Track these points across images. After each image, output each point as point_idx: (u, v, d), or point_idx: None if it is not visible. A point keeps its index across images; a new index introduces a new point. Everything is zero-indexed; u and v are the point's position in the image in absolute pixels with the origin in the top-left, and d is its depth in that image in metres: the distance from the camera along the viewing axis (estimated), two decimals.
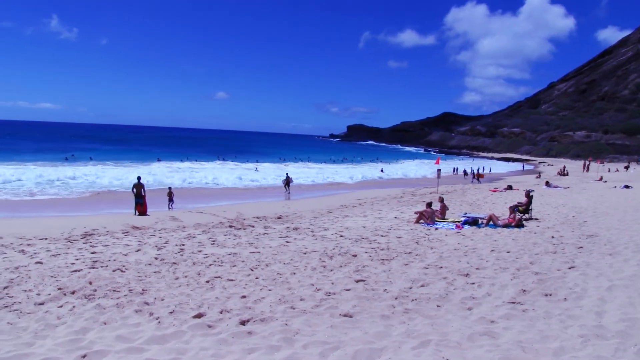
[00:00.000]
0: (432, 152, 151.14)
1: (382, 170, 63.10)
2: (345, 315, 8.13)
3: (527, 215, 20.95)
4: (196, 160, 65.62)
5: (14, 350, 6.70)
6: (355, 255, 13.18)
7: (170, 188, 27.40)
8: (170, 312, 8.25)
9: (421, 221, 19.45)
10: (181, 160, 64.56)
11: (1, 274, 11.04)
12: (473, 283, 10.22)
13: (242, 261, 12.46)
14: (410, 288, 9.87)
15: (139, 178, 25.60)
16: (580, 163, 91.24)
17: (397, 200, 31.55)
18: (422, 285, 10.05)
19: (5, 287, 9.94)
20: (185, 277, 10.83)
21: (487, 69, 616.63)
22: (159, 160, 64.96)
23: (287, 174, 42.25)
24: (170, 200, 26.79)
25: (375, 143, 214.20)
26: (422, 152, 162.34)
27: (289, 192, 37.81)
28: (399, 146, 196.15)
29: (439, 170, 40.28)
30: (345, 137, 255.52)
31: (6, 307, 8.72)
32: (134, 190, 24.42)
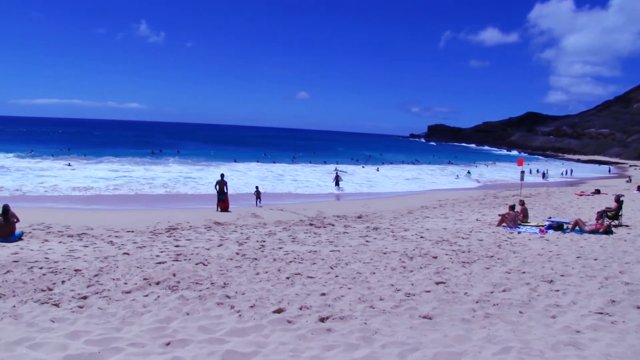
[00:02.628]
0: (515, 153, 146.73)
1: (468, 172, 60.57)
2: (424, 317, 8.02)
3: (616, 222, 20.06)
4: (273, 162, 65.93)
5: (104, 333, 6.98)
6: (435, 257, 13.00)
7: (257, 187, 27.83)
8: (251, 306, 8.37)
9: (503, 224, 18.99)
10: (257, 161, 65.13)
11: (92, 263, 11.54)
12: (557, 290, 9.83)
13: (322, 259, 12.51)
14: (492, 292, 9.62)
15: (222, 175, 26.45)
16: None
17: (478, 202, 30.91)
18: (504, 290, 9.78)
19: (96, 275, 10.37)
20: (266, 272, 10.97)
21: (574, 67, 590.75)
22: (235, 161, 66.06)
23: (337, 172, 43.76)
24: (258, 197, 27.16)
25: (456, 143, 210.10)
26: (504, 153, 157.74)
27: (339, 188, 39.34)
28: (480, 147, 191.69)
29: (522, 172, 39.19)
30: (426, 137, 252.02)
31: (97, 293, 9.08)
32: (217, 187, 25.14)
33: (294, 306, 8.46)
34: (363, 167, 64.28)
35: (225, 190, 24.96)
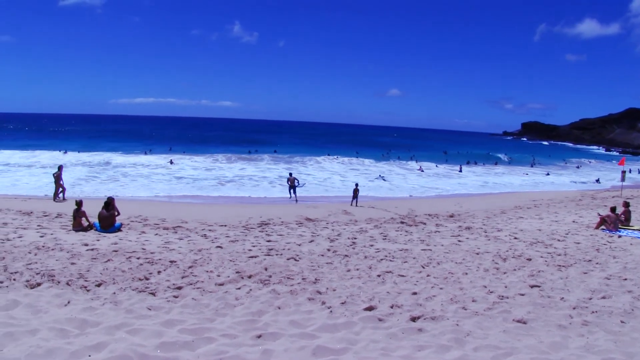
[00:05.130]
0: (615, 152, 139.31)
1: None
2: (518, 321, 7.73)
3: None
4: (356, 157, 65.58)
5: (198, 323, 7.15)
6: (529, 259, 12.55)
7: (356, 185, 27.77)
8: (342, 303, 8.34)
9: (602, 227, 18.07)
10: (345, 158, 64.64)
11: (186, 255, 11.88)
12: None
13: (414, 258, 12.34)
14: (590, 299, 9.15)
15: (290, 174, 29.90)
16: None
17: (575, 203, 29.64)
18: (603, 297, 9.27)
19: (190, 267, 10.67)
20: (357, 269, 10.93)
21: None
22: (328, 155, 66.35)
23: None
24: (355, 197, 26.97)
25: (552, 142, 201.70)
26: (603, 152, 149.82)
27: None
28: (577, 145, 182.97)
29: (623, 172, 37.23)
30: (519, 135, 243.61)
31: (191, 284, 9.34)
32: (289, 182, 28.49)
33: (385, 304, 8.38)
34: (437, 166, 61.12)
35: (297, 185, 28.56)
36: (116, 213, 15.44)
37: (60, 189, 24.23)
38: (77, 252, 11.83)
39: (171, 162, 48.10)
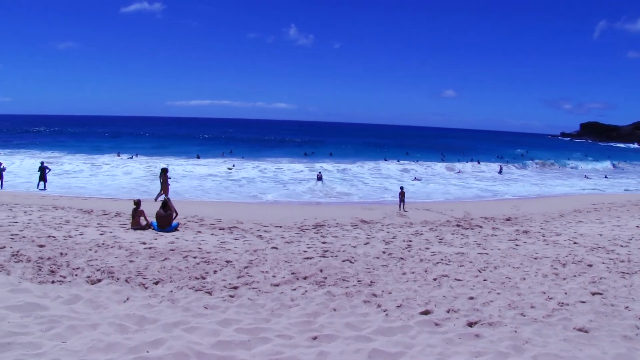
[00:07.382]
0: None
1: None
2: (580, 330, 7.46)
3: None
4: (415, 160, 64.94)
5: (254, 323, 7.20)
6: (590, 265, 12.15)
7: (402, 188, 27.54)
8: (398, 306, 8.26)
9: None
10: (398, 160, 64.11)
11: (242, 255, 12.00)
12: None
13: (470, 261, 12.14)
14: None
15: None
16: None
17: (638, 207, 28.64)
18: None
19: (246, 267, 10.77)
20: (413, 273, 10.82)
21: None
22: (385, 159, 65.76)
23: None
24: (402, 200, 26.73)
25: (612, 143, 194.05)
26: None
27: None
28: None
29: None
30: (577, 136, 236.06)
31: (247, 284, 9.42)
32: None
33: (441, 308, 8.25)
34: (474, 163, 60.20)
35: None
36: (173, 213, 15.75)
37: (163, 192, 24.82)
38: (135, 250, 12.12)
39: (233, 166, 48.27)
